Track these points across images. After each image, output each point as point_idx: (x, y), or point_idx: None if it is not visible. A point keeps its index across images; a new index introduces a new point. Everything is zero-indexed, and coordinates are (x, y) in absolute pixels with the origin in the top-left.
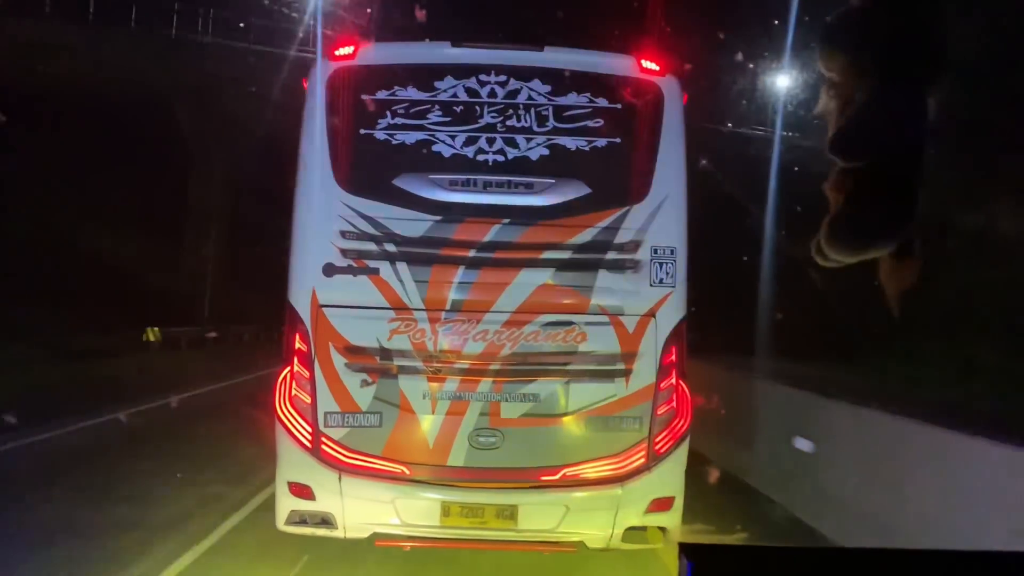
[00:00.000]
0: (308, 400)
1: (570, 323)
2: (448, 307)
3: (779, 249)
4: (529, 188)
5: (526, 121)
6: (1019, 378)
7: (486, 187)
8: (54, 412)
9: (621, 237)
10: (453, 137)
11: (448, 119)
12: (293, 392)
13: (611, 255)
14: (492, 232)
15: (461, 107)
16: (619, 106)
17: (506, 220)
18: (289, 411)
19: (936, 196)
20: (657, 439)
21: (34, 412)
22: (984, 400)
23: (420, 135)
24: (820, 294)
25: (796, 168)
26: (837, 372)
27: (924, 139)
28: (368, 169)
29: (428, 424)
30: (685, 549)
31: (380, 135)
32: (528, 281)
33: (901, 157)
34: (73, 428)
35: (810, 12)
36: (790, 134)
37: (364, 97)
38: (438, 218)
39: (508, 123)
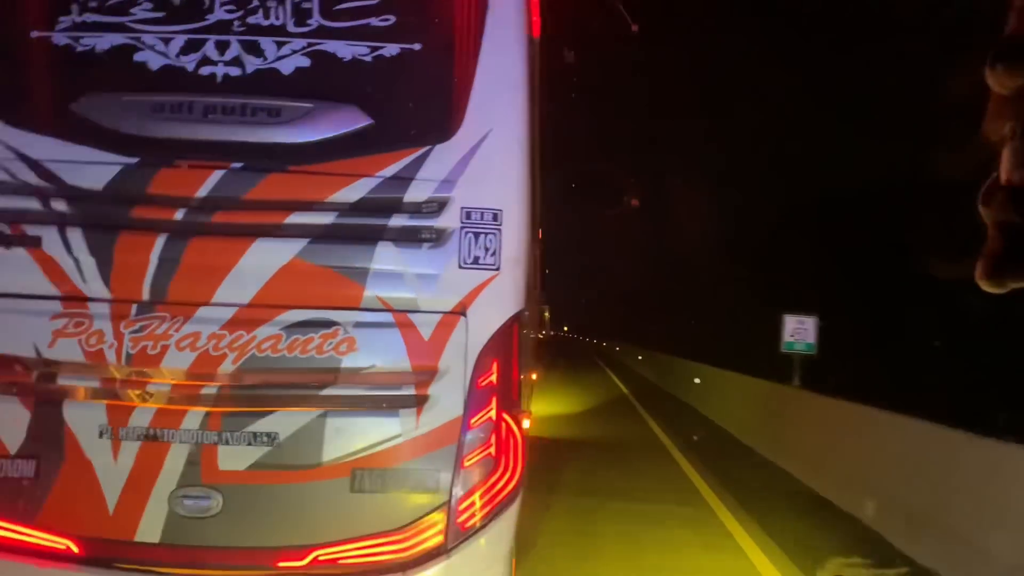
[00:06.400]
0: None
1: (331, 323)
2: (144, 297)
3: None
4: (274, 116)
5: (278, 17)
6: None
7: (207, 114)
8: None
9: (415, 193)
10: (167, 42)
11: (161, 15)
12: None
13: (398, 220)
14: (211, 182)
15: None
16: None
17: (236, 164)
18: None
19: None
20: (463, 504)
21: None
22: None
23: (119, 38)
24: None
25: None
26: None
27: None
28: (36, 89)
29: (107, 477)
30: None
31: (60, 39)
32: (266, 260)
33: None
34: None
35: None
36: None
37: None
38: (132, 161)
39: (250, 21)
